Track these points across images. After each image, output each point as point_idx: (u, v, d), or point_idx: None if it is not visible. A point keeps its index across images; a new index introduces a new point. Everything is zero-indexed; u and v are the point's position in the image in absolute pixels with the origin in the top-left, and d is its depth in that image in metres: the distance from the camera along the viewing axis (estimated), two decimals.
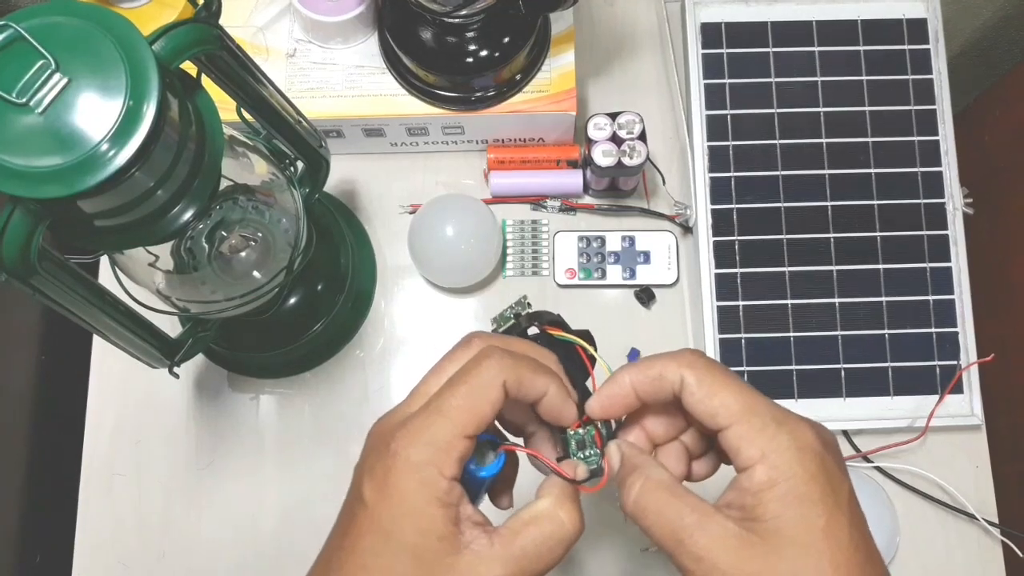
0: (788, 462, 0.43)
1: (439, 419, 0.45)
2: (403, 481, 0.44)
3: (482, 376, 0.46)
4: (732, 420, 0.44)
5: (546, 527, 0.45)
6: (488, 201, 0.91)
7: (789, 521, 0.42)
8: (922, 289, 0.88)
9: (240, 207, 0.75)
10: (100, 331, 0.63)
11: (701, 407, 0.46)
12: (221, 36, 0.56)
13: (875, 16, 0.94)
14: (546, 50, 0.88)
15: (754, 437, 0.44)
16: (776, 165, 0.90)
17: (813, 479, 0.43)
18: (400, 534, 0.43)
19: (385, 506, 0.44)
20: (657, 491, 0.46)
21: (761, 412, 0.44)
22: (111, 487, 0.87)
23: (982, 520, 0.84)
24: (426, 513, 0.43)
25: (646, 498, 0.46)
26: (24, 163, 0.45)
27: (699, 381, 0.46)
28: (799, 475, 0.43)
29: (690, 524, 0.43)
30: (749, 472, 0.43)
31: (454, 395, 0.45)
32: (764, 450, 0.43)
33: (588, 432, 0.51)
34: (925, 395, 0.86)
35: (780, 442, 0.43)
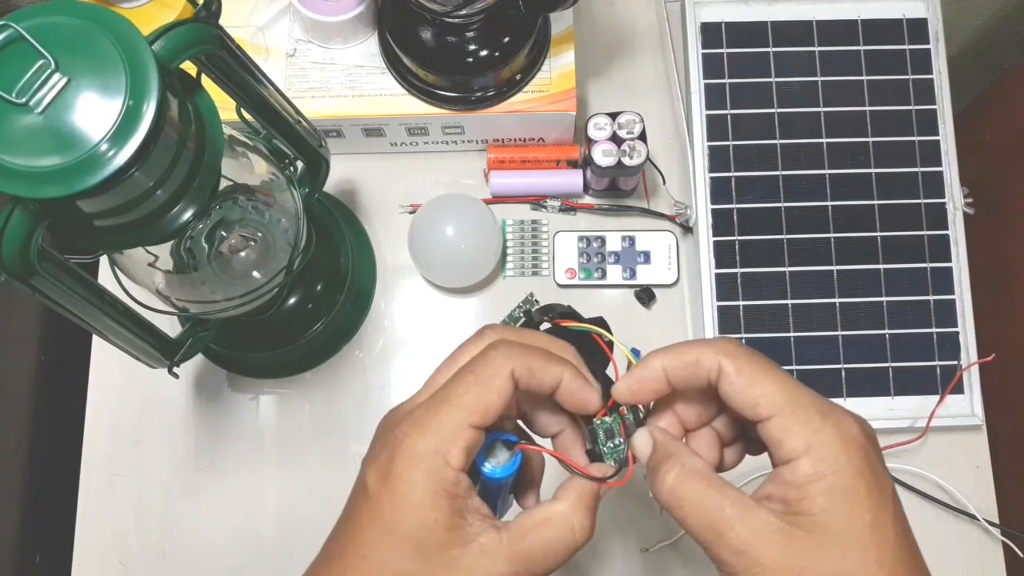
0: (834, 455, 0.41)
1: (445, 407, 0.44)
2: (408, 471, 0.43)
3: (489, 365, 0.45)
4: (775, 411, 0.43)
5: (557, 531, 0.45)
6: (488, 201, 0.91)
7: (836, 516, 0.41)
8: (923, 289, 0.88)
9: (240, 207, 0.75)
10: (100, 331, 0.63)
11: (741, 396, 0.44)
12: (221, 36, 0.56)
13: (875, 16, 0.94)
14: (546, 50, 0.88)
15: (798, 429, 0.42)
16: (776, 165, 0.90)
17: (859, 473, 0.41)
18: (402, 525, 0.43)
19: (388, 497, 0.43)
20: (694, 480, 0.44)
21: (805, 403, 0.43)
22: (111, 487, 0.86)
23: (983, 520, 0.84)
24: (431, 504, 0.43)
25: (683, 487, 0.44)
26: (24, 163, 0.45)
27: (738, 370, 0.44)
28: (845, 468, 0.41)
29: (731, 516, 0.42)
30: (793, 465, 0.42)
31: (461, 384, 0.45)
32: (809, 442, 0.42)
33: (615, 420, 0.50)
34: (926, 395, 0.86)
35: (825, 435, 0.42)
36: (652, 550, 0.84)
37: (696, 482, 0.44)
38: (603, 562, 0.84)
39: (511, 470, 0.48)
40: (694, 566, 0.84)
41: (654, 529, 0.84)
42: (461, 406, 0.44)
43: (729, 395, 0.45)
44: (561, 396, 0.48)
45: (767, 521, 0.42)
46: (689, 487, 0.44)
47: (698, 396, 0.49)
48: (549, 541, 0.45)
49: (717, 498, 0.43)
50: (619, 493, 0.85)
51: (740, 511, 0.42)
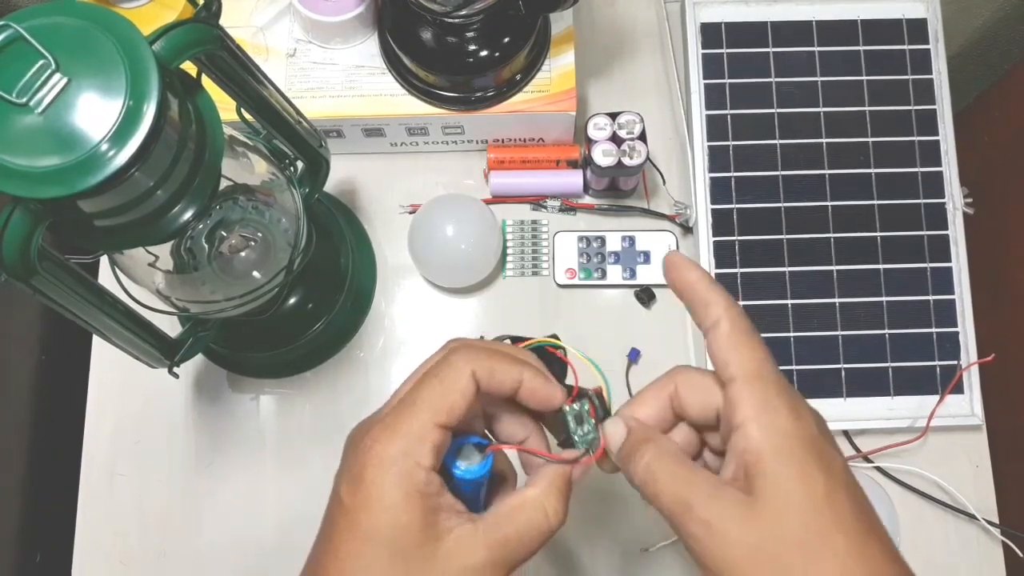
0: (783, 425, 0.43)
1: (410, 410, 0.46)
2: (379, 476, 0.44)
3: (451, 367, 0.47)
4: (739, 375, 0.45)
5: (531, 515, 0.46)
6: (488, 201, 0.91)
7: (789, 485, 0.42)
8: (922, 289, 0.88)
9: (240, 207, 0.75)
10: (100, 331, 0.63)
11: (721, 353, 0.46)
12: (221, 36, 0.56)
13: (875, 16, 0.94)
14: (546, 50, 0.88)
15: (755, 397, 0.44)
16: (776, 165, 0.90)
17: (807, 445, 0.43)
18: (379, 530, 0.44)
19: (363, 506, 0.44)
20: (668, 458, 0.46)
21: (768, 379, 0.45)
22: (111, 487, 0.87)
23: (982, 520, 0.84)
24: (404, 506, 0.44)
25: (656, 463, 0.46)
26: (24, 163, 0.45)
27: (730, 330, 0.46)
28: (794, 438, 0.43)
29: (701, 491, 0.44)
30: (743, 430, 0.43)
31: (425, 387, 0.47)
32: (761, 410, 0.44)
33: (584, 405, 0.51)
34: (925, 395, 0.86)
35: (778, 406, 0.44)
36: (652, 550, 0.84)
37: (670, 459, 0.46)
38: (603, 562, 0.84)
39: (483, 470, 0.49)
40: (694, 566, 0.84)
41: (654, 529, 0.84)
42: (426, 407, 0.46)
43: (712, 348, 0.47)
44: (524, 395, 0.49)
45: (735, 497, 0.43)
46: (663, 464, 0.46)
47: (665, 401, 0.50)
48: (523, 526, 0.46)
49: (688, 475, 0.45)
50: (619, 493, 0.85)
51: (710, 488, 0.44)
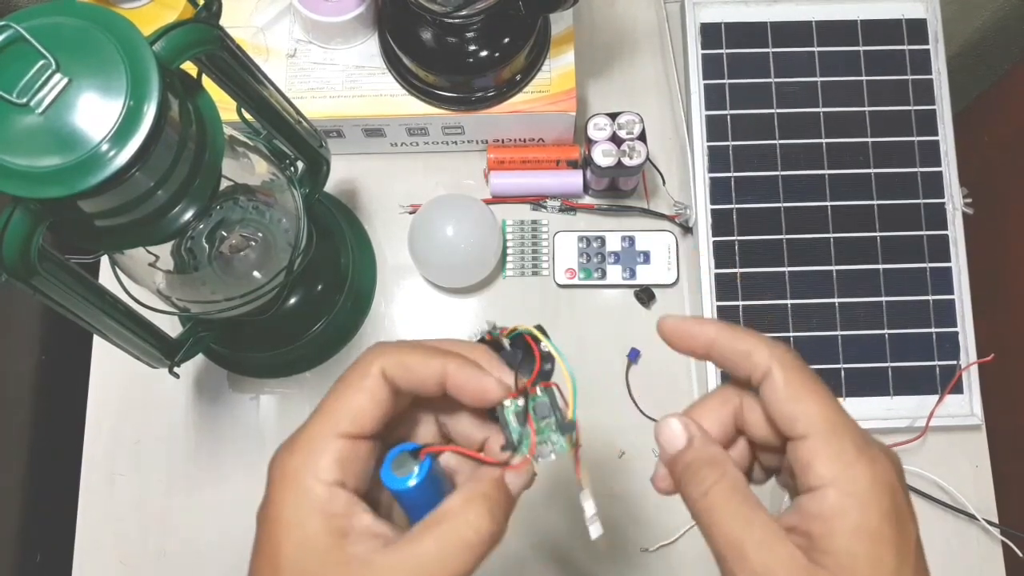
0: (863, 492, 0.39)
1: (311, 423, 0.42)
2: (279, 494, 0.41)
3: (357, 368, 0.43)
4: (811, 432, 0.41)
5: (450, 530, 0.40)
6: (488, 201, 0.91)
7: (860, 560, 0.39)
8: (922, 289, 0.88)
9: (240, 207, 0.75)
10: (100, 331, 0.63)
11: (783, 408, 0.42)
12: (221, 36, 0.56)
13: (875, 16, 0.94)
14: (546, 50, 0.88)
15: (831, 456, 0.40)
16: (776, 165, 0.90)
17: (886, 517, 0.39)
18: (282, 553, 0.40)
19: (267, 528, 0.41)
20: (732, 493, 0.42)
21: (843, 432, 0.41)
22: (111, 487, 0.87)
23: (982, 520, 0.84)
24: (305, 525, 0.40)
25: (720, 497, 0.42)
26: (25, 163, 0.45)
27: (787, 380, 0.42)
28: (873, 509, 0.39)
29: (759, 540, 0.40)
30: (819, 494, 0.40)
31: (330, 394, 0.43)
32: (839, 473, 0.40)
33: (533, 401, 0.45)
34: (925, 395, 0.86)
35: (858, 470, 0.40)
36: (652, 550, 0.84)
37: (734, 496, 0.42)
38: (603, 562, 0.84)
39: (417, 478, 0.43)
40: (694, 566, 0.84)
41: (654, 529, 0.84)
42: (328, 416, 0.42)
43: (771, 403, 0.42)
44: (452, 390, 0.44)
45: (793, 555, 0.40)
46: (725, 499, 0.42)
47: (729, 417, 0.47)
48: (444, 543, 0.40)
49: (749, 517, 0.41)
50: (618, 493, 0.85)
51: (769, 537, 0.40)
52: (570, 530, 0.84)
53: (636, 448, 0.86)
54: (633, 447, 0.86)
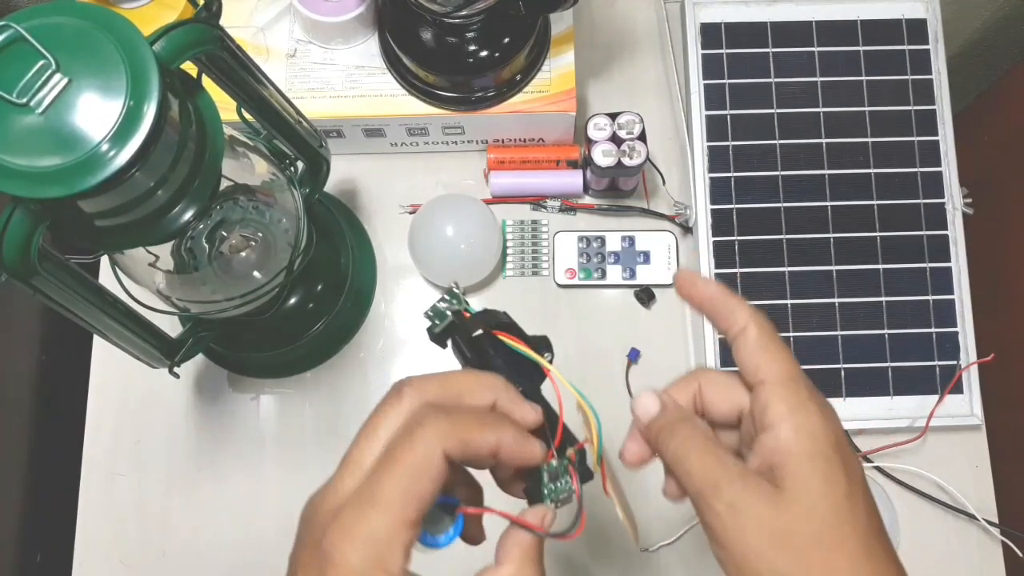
0: (815, 427, 0.45)
1: (374, 512, 0.40)
2: None
3: (417, 452, 0.41)
4: (771, 378, 0.46)
5: None
6: (488, 201, 0.91)
7: (815, 483, 0.43)
8: (922, 289, 0.88)
9: (240, 207, 0.75)
10: (100, 331, 0.63)
11: (751, 356, 0.47)
12: (221, 36, 0.56)
13: (875, 16, 0.94)
14: (546, 50, 0.88)
15: (786, 397, 0.45)
16: (776, 165, 0.90)
17: (835, 447, 0.44)
18: None
19: None
20: (704, 441, 0.47)
21: (797, 379, 0.46)
22: (111, 486, 0.87)
23: (982, 520, 0.84)
24: None
25: (691, 442, 0.47)
26: (25, 163, 0.45)
27: (759, 335, 0.48)
28: (824, 439, 0.44)
29: (732, 473, 0.44)
30: (776, 430, 0.45)
31: (389, 479, 0.41)
32: (794, 411, 0.45)
33: (563, 463, 0.47)
34: (925, 395, 0.86)
35: (810, 409, 0.45)
36: (652, 550, 0.84)
37: (706, 442, 0.46)
38: (603, 562, 0.84)
39: (453, 537, 0.44)
40: (694, 566, 0.84)
41: (654, 530, 0.84)
42: (394, 505, 0.40)
43: (742, 351, 0.48)
44: (503, 459, 0.44)
45: (761, 484, 0.44)
46: (697, 443, 0.46)
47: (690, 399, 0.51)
48: None
49: (722, 459, 0.45)
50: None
51: (739, 472, 0.45)
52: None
53: None
54: None
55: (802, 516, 0.43)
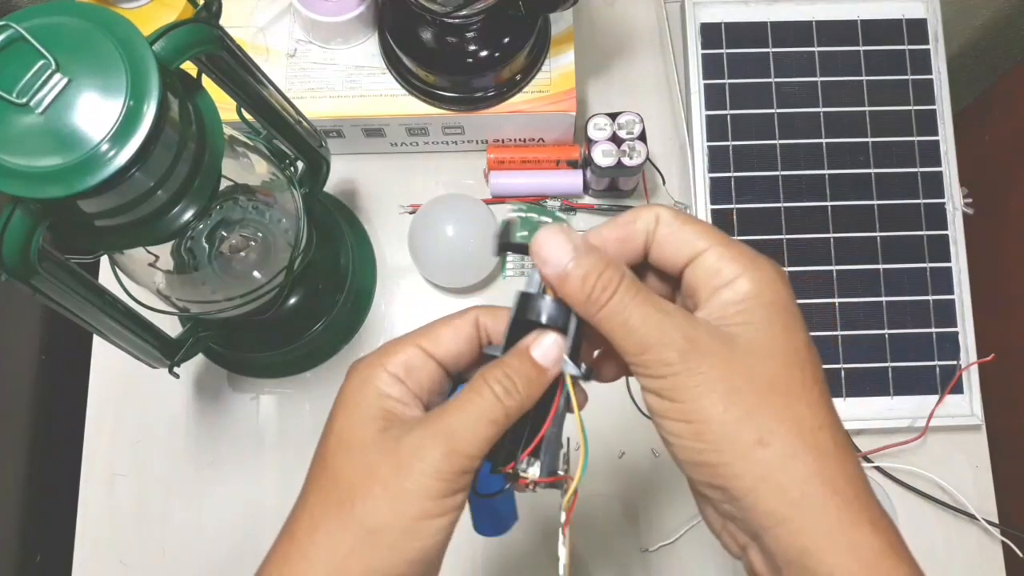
0: (770, 278, 0.43)
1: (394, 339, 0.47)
2: (349, 378, 0.46)
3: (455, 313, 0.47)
4: (712, 243, 0.43)
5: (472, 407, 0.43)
6: (488, 201, 0.91)
7: (776, 329, 0.42)
8: (922, 289, 0.88)
9: (240, 207, 0.75)
10: (100, 331, 0.63)
11: (678, 235, 0.44)
12: (221, 36, 0.56)
13: (875, 16, 0.94)
14: (546, 50, 0.88)
15: (736, 256, 0.43)
16: (776, 165, 0.90)
17: (792, 301, 0.43)
18: (335, 423, 0.45)
19: (335, 404, 0.46)
20: (638, 291, 0.43)
21: (735, 241, 0.44)
22: (111, 486, 0.87)
23: (982, 520, 0.84)
24: (359, 402, 0.45)
25: (631, 297, 0.42)
26: (24, 163, 0.45)
27: (674, 216, 0.44)
28: (782, 290, 0.43)
29: (678, 319, 0.42)
30: (734, 285, 0.42)
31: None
32: (747, 267, 0.42)
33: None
34: (925, 395, 0.86)
35: (761, 262, 0.43)
36: (652, 550, 0.84)
37: (639, 292, 0.43)
38: (603, 563, 0.84)
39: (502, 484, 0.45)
40: (694, 567, 0.84)
41: (654, 529, 0.84)
42: (412, 332, 0.46)
43: (667, 236, 0.44)
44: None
45: (710, 326, 0.42)
46: (636, 297, 0.42)
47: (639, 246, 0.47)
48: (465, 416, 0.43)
49: (666, 306, 0.42)
50: (619, 494, 0.85)
51: (686, 316, 0.42)
52: (571, 529, 0.84)
53: (636, 448, 0.86)
54: (633, 447, 0.86)
55: (761, 363, 0.41)
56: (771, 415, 0.40)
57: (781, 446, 0.40)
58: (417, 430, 0.42)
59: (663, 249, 0.45)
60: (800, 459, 0.40)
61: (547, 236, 0.43)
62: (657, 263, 0.46)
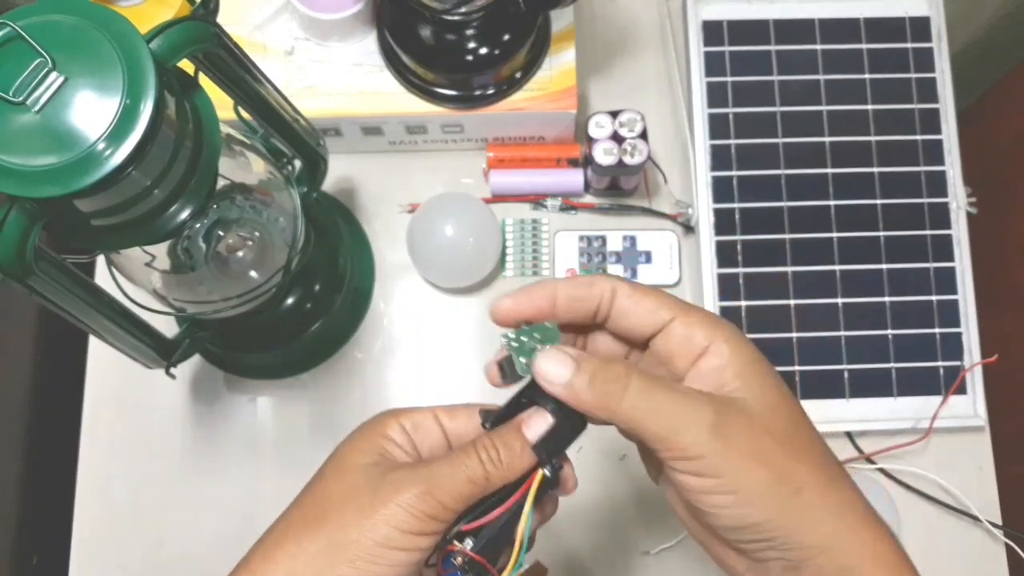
0: (737, 343, 0.46)
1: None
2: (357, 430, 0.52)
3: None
4: (676, 312, 0.47)
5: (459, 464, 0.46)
6: (488, 200, 0.90)
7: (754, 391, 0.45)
8: (926, 289, 0.88)
9: (237, 206, 0.75)
10: (97, 331, 0.62)
11: (640, 306, 0.47)
12: (219, 34, 0.56)
13: (878, 14, 0.93)
14: (546, 48, 0.87)
15: (701, 320, 0.46)
16: (779, 164, 0.90)
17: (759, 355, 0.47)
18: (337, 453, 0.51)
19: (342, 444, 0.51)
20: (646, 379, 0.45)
21: (695, 308, 0.48)
22: (108, 488, 0.86)
23: (985, 522, 0.84)
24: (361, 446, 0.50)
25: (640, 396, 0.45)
26: (20, 162, 0.45)
27: (632, 288, 0.48)
28: (751, 353, 0.46)
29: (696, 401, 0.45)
30: (713, 350, 0.46)
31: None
32: (716, 329, 0.46)
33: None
34: (928, 396, 0.86)
35: (723, 324, 0.47)
36: (653, 553, 0.83)
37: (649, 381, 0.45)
38: (604, 565, 0.84)
39: None
40: (696, 569, 0.83)
41: (655, 532, 0.84)
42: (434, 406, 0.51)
43: (627, 309, 0.48)
44: None
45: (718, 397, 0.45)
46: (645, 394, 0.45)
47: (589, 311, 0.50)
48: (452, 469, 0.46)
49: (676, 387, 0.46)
50: (620, 495, 0.85)
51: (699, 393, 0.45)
52: (571, 531, 0.84)
53: (637, 450, 0.86)
54: (634, 450, 0.85)
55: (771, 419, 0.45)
56: (797, 464, 0.44)
57: (812, 489, 0.44)
58: (404, 469, 0.46)
59: (627, 319, 0.48)
60: (828, 494, 0.45)
61: (546, 360, 0.46)
62: (618, 331, 0.50)
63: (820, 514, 0.44)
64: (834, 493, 0.45)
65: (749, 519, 0.44)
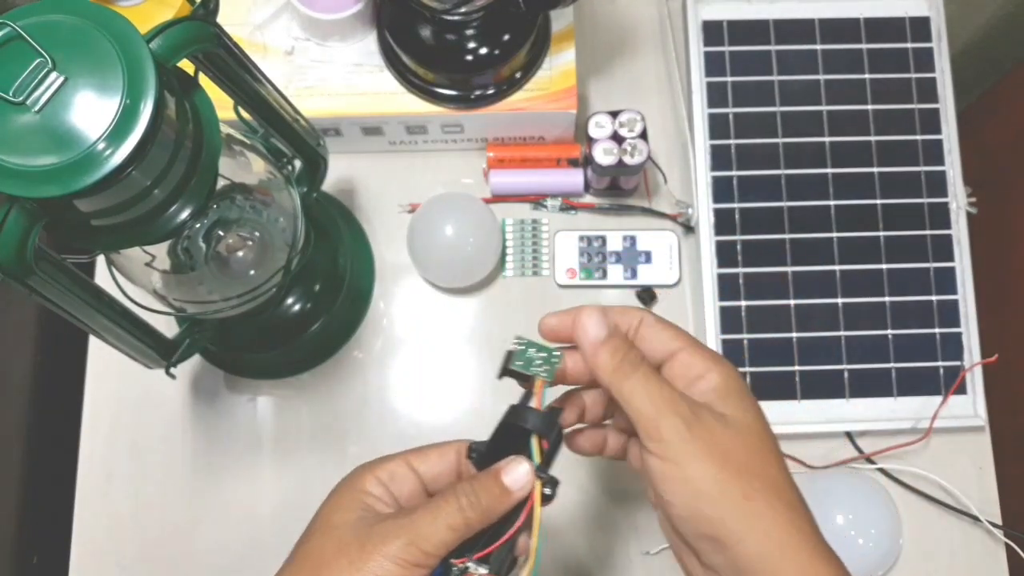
0: (730, 371, 0.54)
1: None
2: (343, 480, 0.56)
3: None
4: (685, 344, 0.55)
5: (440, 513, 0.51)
6: (488, 200, 0.90)
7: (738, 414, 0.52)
8: (925, 289, 0.87)
9: (237, 206, 0.75)
10: (97, 331, 0.62)
11: (660, 335, 0.56)
12: (219, 34, 0.56)
13: (878, 14, 0.93)
14: (546, 48, 0.87)
15: (703, 355, 0.54)
16: (779, 164, 0.90)
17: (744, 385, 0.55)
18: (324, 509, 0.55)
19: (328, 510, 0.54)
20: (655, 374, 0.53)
21: (699, 342, 0.56)
22: (108, 488, 0.86)
23: (986, 522, 0.84)
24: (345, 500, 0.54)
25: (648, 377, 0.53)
26: (20, 162, 0.45)
27: (656, 320, 0.57)
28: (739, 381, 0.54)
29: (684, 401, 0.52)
30: (707, 376, 0.53)
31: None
32: (714, 363, 0.54)
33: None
34: (928, 396, 0.86)
35: (721, 360, 0.55)
36: (653, 553, 0.83)
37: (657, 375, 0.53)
38: (605, 565, 0.84)
39: None
40: None
41: (656, 532, 0.84)
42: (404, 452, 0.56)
43: (648, 336, 0.56)
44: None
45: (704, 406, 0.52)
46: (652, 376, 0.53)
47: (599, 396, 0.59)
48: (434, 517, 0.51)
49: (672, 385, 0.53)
50: (621, 496, 0.85)
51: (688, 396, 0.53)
52: (572, 531, 0.84)
53: None
54: None
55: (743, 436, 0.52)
56: (753, 476, 0.50)
57: (763, 500, 0.50)
58: (388, 521, 0.50)
59: (648, 342, 0.56)
60: (778, 510, 0.50)
61: (590, 317, 0.54)
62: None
63: (767, 526, 0.49)
64: (785, 512, 0.50)
65: (700, 512, 0.50)
